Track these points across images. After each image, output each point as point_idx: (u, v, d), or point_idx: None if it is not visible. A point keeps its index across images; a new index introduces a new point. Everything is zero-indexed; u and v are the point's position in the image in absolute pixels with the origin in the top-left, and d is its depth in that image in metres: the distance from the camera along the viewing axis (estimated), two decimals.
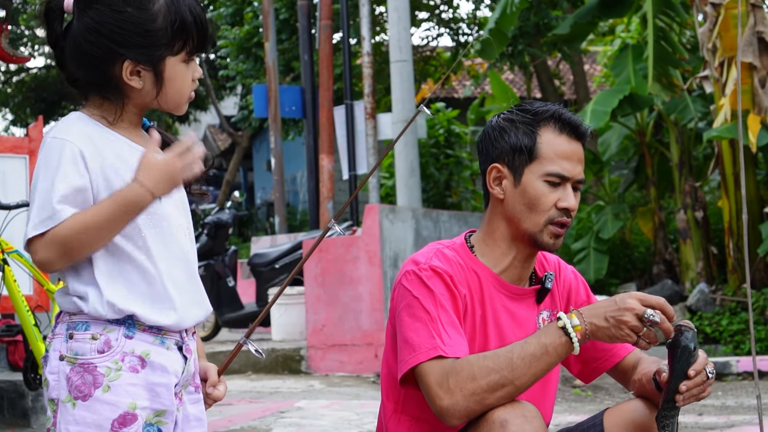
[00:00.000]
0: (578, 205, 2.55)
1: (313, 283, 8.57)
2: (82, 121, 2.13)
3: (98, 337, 2.08)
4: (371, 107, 11.70)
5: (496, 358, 2.32)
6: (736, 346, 9.47)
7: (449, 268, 2.46)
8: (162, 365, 2.12)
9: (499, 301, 2.52)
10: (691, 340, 2.31)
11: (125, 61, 2.10)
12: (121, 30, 2.09)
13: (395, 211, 8.82)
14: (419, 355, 2.37)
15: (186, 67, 2.16)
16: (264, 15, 14.45)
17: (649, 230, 11.68)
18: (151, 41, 2.10)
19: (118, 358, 2.08)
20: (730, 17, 9.39)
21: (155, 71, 2.12)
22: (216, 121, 29.61)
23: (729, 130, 9.21)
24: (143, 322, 2.10)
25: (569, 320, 2.31)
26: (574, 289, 2.67)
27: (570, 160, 2.49)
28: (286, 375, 8.53)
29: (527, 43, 14.28)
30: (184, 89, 2.17)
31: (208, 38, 2.18)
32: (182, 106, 2.20)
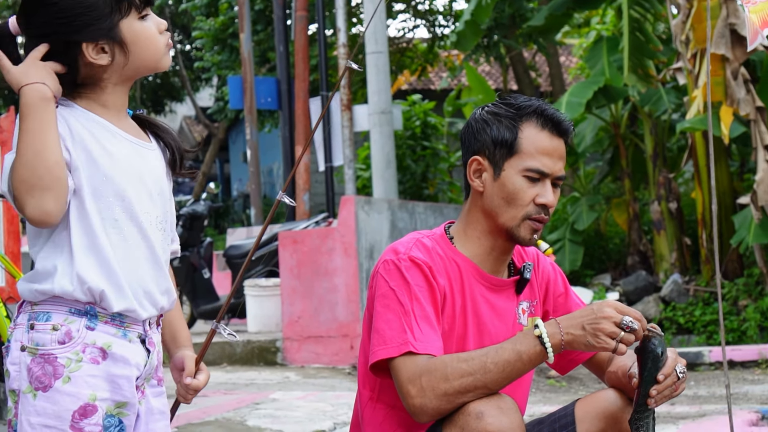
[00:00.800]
0: (557, 202, 2.56)
1: (288, 274, 8.57)
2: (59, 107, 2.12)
3: (59, 327, 2.07)
4: (347, 99, 11.69)
5: (470, 361, 2.33)
6: (709, 336, 9.55)
7: (428, 259, 2.46)
8: (124, 357, 2.11)
9: (478, 292, 2.53)
10: (659, 345, 2.34)
11: (82, 45, 2.10)
12: (63, 19, 2.09)
13: (371, 202, 8.82)
14: (389, 349, 2.38)
15: (143, 23, 2.15)
16: (239, 5, 14.40)
17: (624, 221, 11.74)
18: (95, 15, 2.10)
19: (79, 350, 2.07)
20: (702, 9, 9.44)
21: (116, 41, 2.12)
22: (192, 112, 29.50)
23: (702, 121, 9.26)
24: (105, 310, 2.09)
25: (545, 329, 2.33)
26: (552, 280, 2.69)
27: (550, 156, 2.49)
28: (262, 366, 8.52)
29: (503, 34, 14.30)
30: (153, 44, 2.17)
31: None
32: (161, 60, 2.19)
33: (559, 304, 2.69)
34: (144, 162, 2.19)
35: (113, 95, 2.17)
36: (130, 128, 2.20)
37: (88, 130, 2.11)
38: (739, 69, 9.25)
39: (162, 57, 2.19)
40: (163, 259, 2.22)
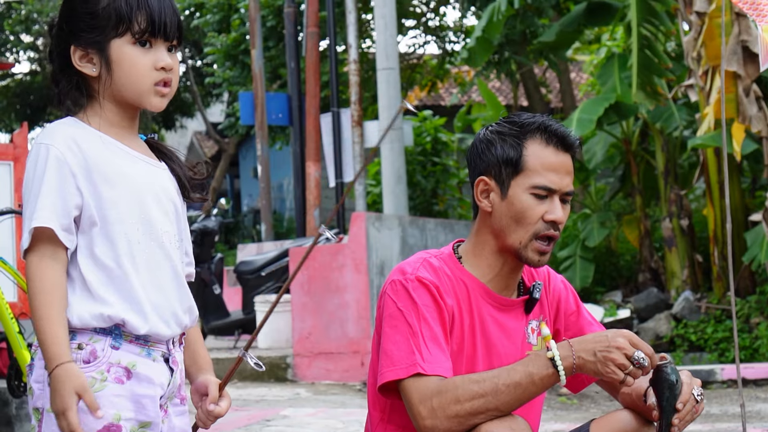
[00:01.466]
0: (567, 218, 2.53)
1: (299, 290, 8.56)
2: (67, 125, 2.14)
3: (84, 346, 2.07)
4: (358, 115, 11.70)
5: (481, 383, 2.32)
6: (721, 353, 9.50)
7: (436, 279, 2.45)
8: (148, 377, 2.11)
9: (487, 312, 2.51)
10: (672, 373, 2.34)
11: (71, 47, 2.13)
12: (69, 18, 2.14)
13: (382, 218, 8.82)
14: (398, 370, 2.37)
15: (139, 51, 2.14)
16: (251, 22, 14.44)
17: (635, 238, 11.70)
18: (94, 24, 2.12)
19: (104, 369, 2.07)
20: (714, 26, 9.43)
21: (102, 55, 2.13)
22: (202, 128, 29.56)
23: (713, 138, 9.24)
24: (130, 332, 2.09)
25: (558, 351, 2.31)
26: (563, 298, 2.66)
27: (557, 172, 2.46)
28: (272, 383, 8.51)
29: (513, 51, 14.30)
30: (138, 74, 2.14)
31: (164, 23, 2.14)
32: (143, 95, 2.15)
33: (571, 322, 2.66)
34: (158, 181, 2.19)
35: (116, 114, 2.17)
36: (140, 148, 2.21)
37: (103, 153, 2.12)
38: (751, 86, 9.23)
39: (145, 92, 2.16)
40: (184, 277, 2.23)
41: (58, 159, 2.06)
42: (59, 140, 2.08)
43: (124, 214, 2.10)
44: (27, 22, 23.59)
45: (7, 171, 7.09)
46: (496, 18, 11.18)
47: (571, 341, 2.33)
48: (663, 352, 9.65)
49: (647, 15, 10.34)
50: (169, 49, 2.17)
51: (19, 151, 7.21)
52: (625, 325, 10.03)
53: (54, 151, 2.06)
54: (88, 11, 2.12)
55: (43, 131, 2.12)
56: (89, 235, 2.08)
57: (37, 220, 2.03)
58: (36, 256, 2.04)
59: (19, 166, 7.13)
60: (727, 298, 9.91)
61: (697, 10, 9.54)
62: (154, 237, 2.15)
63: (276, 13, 16.26)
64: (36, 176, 2.06)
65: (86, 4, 2.13)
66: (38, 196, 2.04)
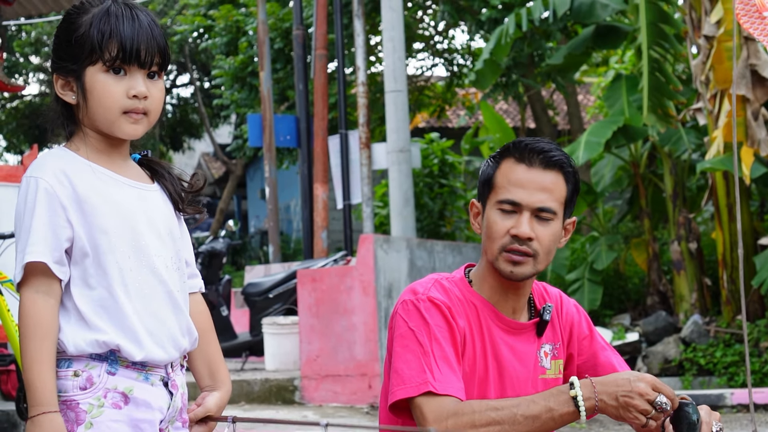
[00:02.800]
0: (548, 236, 2.47)
1: (307, 312, 8.55)
2: (57, 156, 2.15)
3: (80, 373, 2.07)
4: (366, 137, 11.72)
5: (500, 411, 2.31)
6: (730, 378, 9.45)
7: (447, 300, 2.45)
8: (146, 401, 2.11)
9: (497, 335, 2.50)
10: (693, 413, 2.33)
11: (54, 74, 2.17)
12: (55, 45, 2.17)
13: (390, 241, 8.81)
14: (408, 389, 2.36)
15: (111, 78, 2.13)
16: (259, 44, 14.49)
17: (643, 261, 11.67)
18: (72, 51, 2.13)
19: (101, 395, 2.07)
20: (723, 50, 9.44)
21: (79, 83, 2.14)
22: (210, 149, 29.63)
23: (722, 161, 9.24)
24: (126, 358, 2.09)
25: (581, 392, 2.30)
26: (576, 322, 2.66)
27: (524, 187, 2.46)
28: (280, 405, 8.48)
29: (521, 73, 14.34)
30: (108, 103, 2.13)
31: (137, 50, 2.13)
32: (114, 123, 2.14)
33: (584, 347, 2.65)
34: (149, 205, 2.18)
35: (101, 141, 2.17)
36: (130, 172, 2.20)
37: (93, 183, 2.12)
38: (760, 110, 9.23)
39: (113, 121, 2.14)
40: (182, 300, 2.22)
41: (48, 192, 2.07)
42: (48, 173, 2.09)
43: (115, 243, 2.10)
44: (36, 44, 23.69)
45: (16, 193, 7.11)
46: (504, 41, 11.20)
47: (594, 381, 2.32)
48: (672, 375, 9.64)
49: (657, 38, 10.35)
50: (150, 76, 2.16)
51: None
52: (634, 348, 9.99)
53: (43, 184, 2.07)
54: (67, 39, 2.14)
55: (33, 164, 2.13)
56: (82, 266, 2.09)
57: (30, 255, 2.04)
58: (30, 291, 2.05)
59: None
60: (737, 322, 9.87)
61: (706, 34, 9.55)
62: (147, 263, 2.14)
63: (284, 35, 16.32)
64: (27, 210, 2.07)
65: (66, 32, 2.15)
66: (30, 230, 2.05)
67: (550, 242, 2.48)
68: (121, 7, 2.15)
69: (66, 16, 2.17)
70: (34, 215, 2.05)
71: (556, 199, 2.48)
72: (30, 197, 2.07)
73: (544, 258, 2.49)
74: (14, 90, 8.60)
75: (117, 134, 2.15)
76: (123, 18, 2.13)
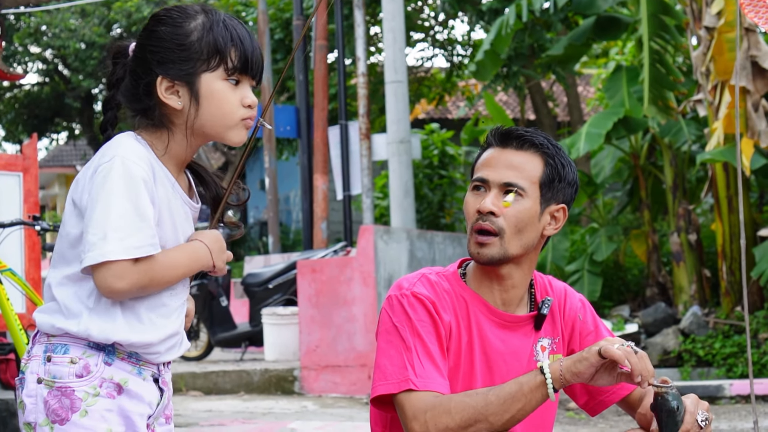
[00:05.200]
0: (514, 213, 2.44)
1: (306, 303, 8.55)
2: (141, 144, 2.11)
3: (77, 360, 2.07)
4: (366, 128, 11.71)
5: (474, 396, 2.31)
6: (729, 369, 9.46)
7: (432, 295, 2.44)
8: (138, 394, 2.12)
9: (488, 329, 2.49)
10: (673, 399, 2.27)
11: (158, 77, 2.10)
12: (156, 47, 2.11)
13: (390, 232, 8.81)
14: (389, 385, 2.37)
15: (228, 87, 2.13)
16: (259, 35, 14.47)
17: (643, 253, 11.68)
18: (184, 56, 2.10)
19: (97, 384, 2.07)
20: (723, 41, 9.42)
21: (191, 88, 2.11)
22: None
23: (722, 153, 9.23)
24: (123, 347, 2.09)
25: (547, 361, 2.31)
26: (580, 318, 2.62)
27: (489, 165, 2.48)
28: (279, 396, 8.49)
29: (521, 64, 14.32)
30: (227, 110, 2.14)
31: (255, 62, 2.15)
32: (229, 131, 2.16)
33: (589, 342, 2.59)
34: (189, 224, 2.20)
35: (180, 146, 2.15)
36: (182, 182, 2.20)
37: (165, 189, 2.12)
38: (760, 101, 9.22)
39: (231, 128, 2.16)
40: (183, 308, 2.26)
41: (145, 182, 2.05)
42: (144, 164, 2.07)
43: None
44: (36, 34, 23.65)
45: (16, 182, 7.09)
46: (504, 32, 11.18)
47: (563, 357, 2.32)
48: (671, 366, 9.64)
49: (658, 29, 10.33)
50: (253, 88, 2.19)
51: (29, 163, 7.22)
52: (633, 340, 10.00)
53: (140, 173, 2.05)
54: (179, 43, 2.10)
55: (123, 146, 2.08)
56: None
57: (153, 247, 2.05)
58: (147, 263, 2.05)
59: (28, 177, 7.14)
60: (736, 313, 9.87)
61: (707, 25, 9.54)
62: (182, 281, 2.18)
63: (284, 26, 16.30)
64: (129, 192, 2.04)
65: (177, 35, 2.11)
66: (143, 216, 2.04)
67: (518, 220, 2.44)
68: (228, 17, 2.16)
69: (165, 19, 2.13)
70: (142, 204, 2.04)
71: (526, 177, 2.46)
72: (130, 181, 2.04)
73: (512, 237, 2.44)
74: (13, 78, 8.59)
75: (230, 140, 2.17)
76: (239, 28, 2.14)
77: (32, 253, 6.93)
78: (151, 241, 2.02)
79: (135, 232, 2.00)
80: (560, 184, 2.51)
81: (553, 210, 2.51)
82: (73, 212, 2.09)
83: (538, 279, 2.61)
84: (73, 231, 2.09)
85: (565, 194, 2.53)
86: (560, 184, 2.51)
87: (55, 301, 2.09)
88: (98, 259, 1.98)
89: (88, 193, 2.04)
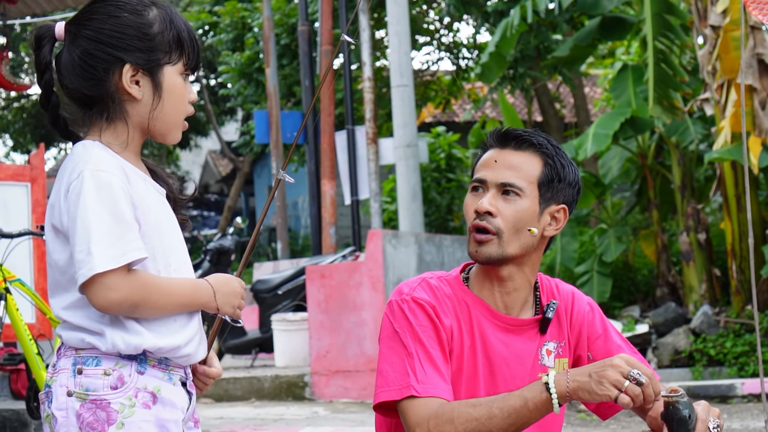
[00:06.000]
0: (512, 213, 2.43)
1: (316, 309, 8.55)
2: (107, 152, 2.06)
3: (111, 372, 2.04)
4: (373, 132, 11.71)
5: (478, 407, 2.28)
6: (741, 368, 9.44)
7: (433, 299, 2.43)
8: (171, 401, 2.10)
9: (491, 332, 2.47)
10: (684, 407, 2.23)
11: (125, 65, 2.06)
12: (120, 33, 2.06)
13: (398, 236, 8.81)
14: (391, 391, 2.35)
15: (183, 82, 2.12)
16: (265, 40, 14.49)
17: (652, 253, 11.65)
18: (149, 45, 2.07)
19: (132, 394, 2.04)
20: (729, 39, 9.40)
21: (154, 79, 2.08)
22: (217, 146, 29.65)
23: (730, 151, 9.21)
24: (154, 354, 2.07)
25: (553, 376, 2.25)
26: (588, 322, 2.58)
27: (487, 166, 2.47)
28: (290, 401, 8.49)
29: (527, 66, 14.30)
30: (181, 107, 2.12)
31: (200, 58, 2.15)
32: (176, 129, 2.13)
33: (598, 347, 2.57)
34: (168, 209, 2.16)
35: (137, 141, 2.12)
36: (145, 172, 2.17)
37: (138, 186, 2.08)
38: (767, 99, 9.20)
39: (177, 126, 2.14)
40: None
41: (123, 190, 2.02)
42: (115, 170, 2.03)
43: (157, 251, 2.08)
44: None
45: (24, 192, 7.12)
46: (509, 33, 11.17)
47: (570, 369, 2.28)
48: (682, 366, 9.62)
49: (663, 29, 10.32)
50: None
51: (36, 173, 7.24)
52: (644, 340, 9.97)
53: (116, 181, 2.01)
54: (144, 32, 2.07)
55: (89, 157, 2.02)
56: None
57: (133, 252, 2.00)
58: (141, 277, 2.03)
59: (36, 187, 7.16)
60: (746, 312, 9.85)
61: (712, 24, 9.52)
62: (176, 267, 2.14)
63: (290, 31, 16.32)
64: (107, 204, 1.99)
65: (141, 24, 2.07)
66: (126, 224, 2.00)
67: (516, 220, 2.43)
68: (176, 11, 2.14)
69: (122, 4, 2.07)
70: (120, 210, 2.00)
71: (523, 177, 2.45)
72: (105, 190, 1.99)
73: (510, 237, 2.43)
74: (20, 89, 8.61)
75: (172, 139, 2.14)
76: (188, 23, 2.13)
77: (41, 263, 6.95)
78: (135, 245, 1.98)
79: (116, 240, 1.96)
80: (560, 184, 2.49)
81: (553, 210, 2.50)
82: (56, 239, 2.05)
83: (544, 282, 2.59)
84: (61, 257, 2.04)
85: (566, 195, 2.51)
86: (560, 185, 2.49)
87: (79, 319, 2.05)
88: (88, 274, 1.95)
89: (66, 214, 2.00)
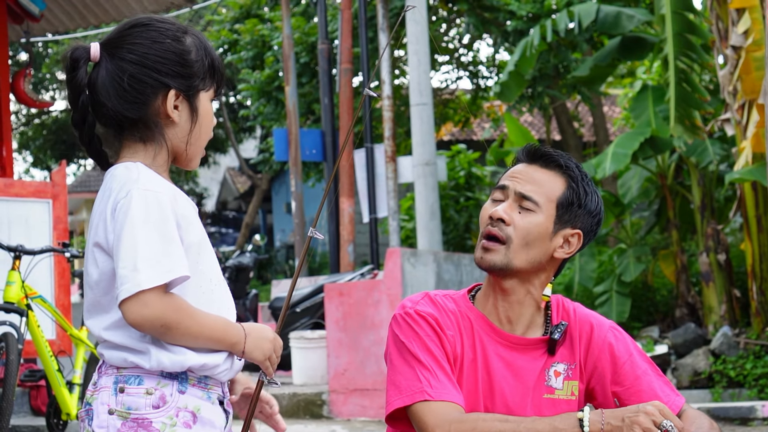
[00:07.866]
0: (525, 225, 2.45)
1: (334, 326, 8.55)
2: (152, 172, 2.09)
3: (153, 391, 2.05)
4: (391, 150, 11.72)
5: (503, 424, 2.30)
6: (761, 389, 9.37)
7: (435, 312, 2.47)
8: (210, 420, 2.11)
9: (493, 349, 2.49)
10: None
11: (170, 90, 2.10)
12: (164, 59, 2.09)
13: (417, 254, 8.80)
14: (405, 398, 2.38)
15: (211, 107, 2.17)
16: (284, 59, 14.54)
17: (672, 273, 11.60)
18: (189, 71, 2.11)
19: (173, 414, 2.06)
20: (750, 60, 9.38)
21: (191, 104, 2.12)
22: (235, 163, 29.74)
23: (751, 172, 9.17)
24: (195, 372, 2.09)
25: (588, 415, 2.28)
26: (609, 355, 2.56)
27: (512, 176, 2.52)
28: (308, 419, 8.48)
29: (546, 85, 14.31)
30: (209, 132, 2.18)
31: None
32: (200, 155, 2.18)
33: (626, 372, 2.55)
34: (200, 224, 2.18)
35: (167, 161, 2.15)
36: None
37: (182, 204, 2.11)
38: None
39: (201, 151, 2.19)
40: None
41: (174, 212, 2.05)
42: (168, 191, 2.07)
43: (197, 266, 2.10)
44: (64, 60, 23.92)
45: (45, 209, 7.14)
46: (529, 52, 11.19)
47: (605, 410, 2.30)
48: (702, 388, 9.55)
49: (684, 48, 10.30)
50: None
51: (58, 189, 7.27)
52: (663, 361, 9.91)
53: (166, 200, 2.05)
54: (184, 58, 2.11)
55: (141, 177, 2.05)
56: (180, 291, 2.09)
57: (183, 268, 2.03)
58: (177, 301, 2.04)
59: (57, 204, 7.18)
60: (767, 333, 9.78)
61: (733, 44, 9.50)
62: (218, 282, 2.17)
63: (309, 49, 16.37)
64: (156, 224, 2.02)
65: (182, 51, 2.11)
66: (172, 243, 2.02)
67: (528, 233, 2.45)
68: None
69: (163, 30, 2.11)
70: (168, 228, 2.03)
71: (544, 193, 2.48)
72: (154, 210, 2.02)
73: (518, 249, 2.45)
74: (42, 106, 8.67)
75: (196, 163, 2.19)
76: (215, 50, 2.18)
77: (62, 279, 6.97)
78: (181, 263, 2.01)
79: (163, 257, 1.99)
80: (580, 209, 2.50)
81: (567, 234, 2.51)
82: (98, 257, 2.07)
83: (559, 303, 2.60)
84: (103, 277, 2.07)
85: (584, 222, 2.52)
86: (579, 210, 2.50)
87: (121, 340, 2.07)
88: (133, 290, 1.97)
89: (113, 232, 2.03)
